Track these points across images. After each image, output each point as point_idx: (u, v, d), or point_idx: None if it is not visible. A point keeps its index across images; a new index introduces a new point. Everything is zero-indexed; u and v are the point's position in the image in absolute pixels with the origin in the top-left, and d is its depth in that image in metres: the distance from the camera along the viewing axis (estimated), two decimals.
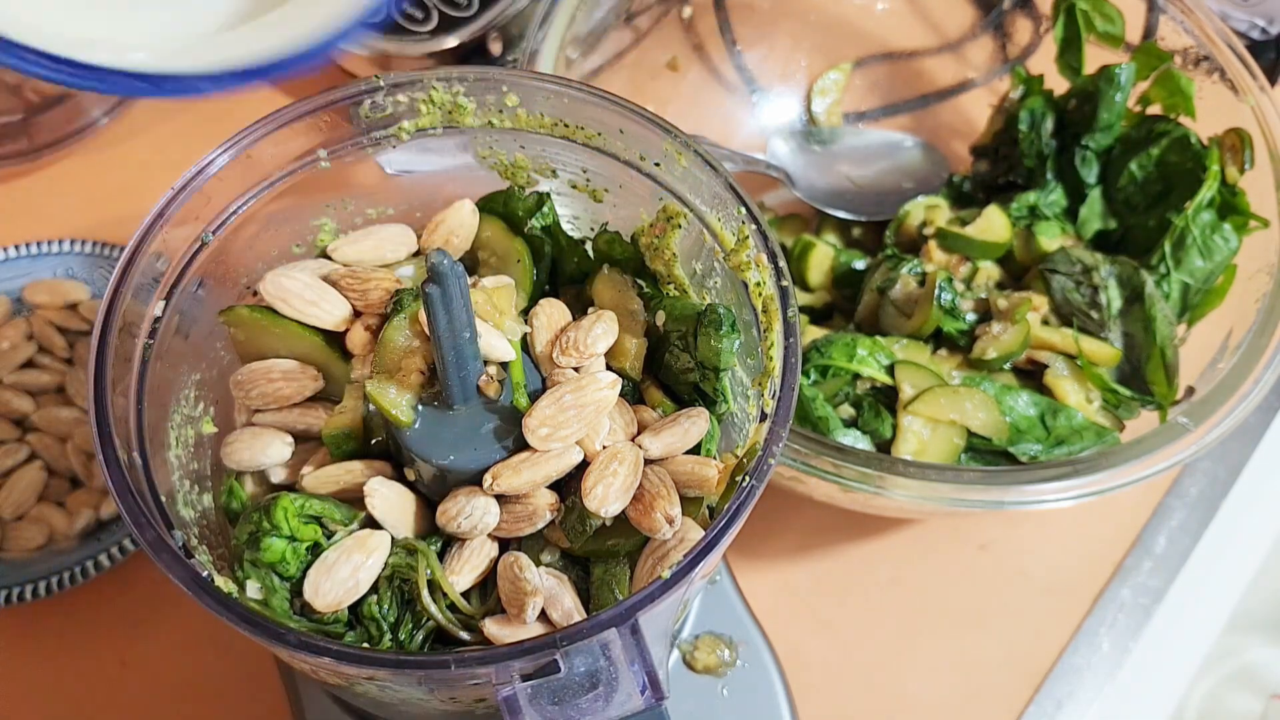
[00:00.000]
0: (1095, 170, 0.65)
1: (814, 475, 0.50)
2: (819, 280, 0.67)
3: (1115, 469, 0.51)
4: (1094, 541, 0.64)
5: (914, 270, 0.62)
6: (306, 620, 0.39)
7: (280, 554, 0.38)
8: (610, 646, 0.33)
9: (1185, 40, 0.63)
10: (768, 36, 0.74)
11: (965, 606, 0.62)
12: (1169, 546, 0.64)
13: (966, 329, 0.60)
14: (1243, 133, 0.60)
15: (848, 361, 0.57)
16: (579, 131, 0.44)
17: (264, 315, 0.42)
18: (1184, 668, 0.62)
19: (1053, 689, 0.60)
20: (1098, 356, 0.59)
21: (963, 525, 0.64)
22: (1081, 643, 0.61)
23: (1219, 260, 0.60)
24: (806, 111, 0.75)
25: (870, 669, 0.60)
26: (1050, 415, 0.57)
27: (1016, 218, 0.64)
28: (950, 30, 0.75)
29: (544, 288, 0.46)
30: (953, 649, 0.60)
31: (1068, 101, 0.66)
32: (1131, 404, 0.58)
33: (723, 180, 0.42)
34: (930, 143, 0.73)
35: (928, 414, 0.56)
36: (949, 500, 0.50)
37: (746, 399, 0.43)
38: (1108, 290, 0.60)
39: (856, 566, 0.62)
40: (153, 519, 0.36)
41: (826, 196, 0.70)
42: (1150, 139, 0.63)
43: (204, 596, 0.34)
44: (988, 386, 0.57)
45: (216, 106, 0.74)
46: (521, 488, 0.38)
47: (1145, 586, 0.63)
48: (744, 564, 0.60)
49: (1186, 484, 0.66)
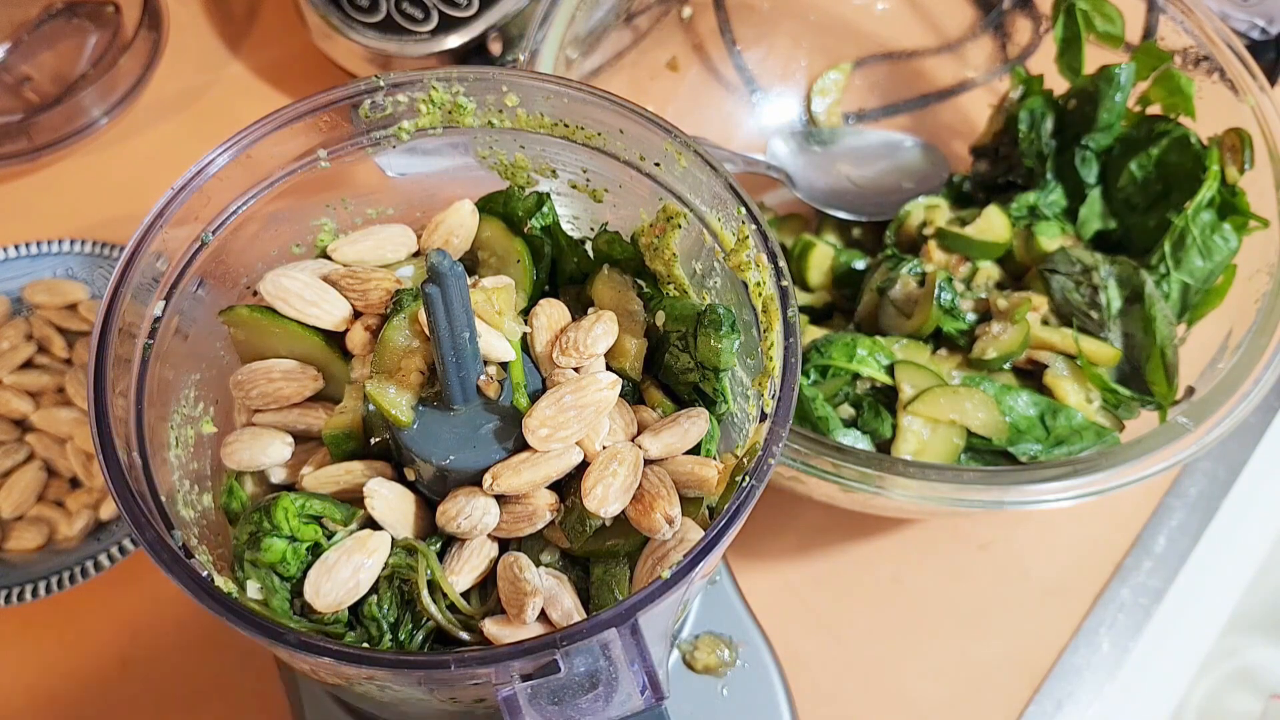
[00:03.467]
0: (1095, 170, 0.65)
1: (814, 475, 0.50)
2: (819, 280, 0.67)
3: (1115, 469, 0.51)
4: (1094, 542, 0.64)
5: (914, 270, 0.62)
6: (306, 620, 0.39)
7: (280, 554, 0.38)
8: (610, 646, 0.33)
9: (1185, 40, 0.63)
10: (767, 36, 0.74)
11: (965, 606, 0.62)
12: (1169, 546, 0.64)
13: (966, 329, 0.60)
14: (1242, 133, 0.59)
15: (848, 361, 0.57)
16: (579, 131, 0.44)
17: (264, 315, 0.42)
18: (1184, 668, 0.62)
19: (1052, 689, 0.60)
20: (1097, 356, 0.59)
21: (963, 525, 0.64)
22: (1081, 643, 0.61)
23: (1219, 260, 0.60)
24: (806, 112, 0.74)
25: (870, 669, 0.59)
26: (1050, 415, 0.57)
27: (1016, 218, 0.64)
28: (950, 30, 0.75)
29: (544, 288, 0.46)
30: (953, 649, 0.60)
31: (1068, 101, 0.66)
32: (1131, 404, 0.58)
33: (722, 180, 0.42)
34: (930, 143, 0.73)
35: (927, 414, 0.56)
36: (949, 500, 0.50)
37: (746, 399, 0.43)
38: (1107, 290, 0.60)
39: (856, 566, 0.62)
40: (153, 519, 0.36)
41: (826, 197, 0.70)
42: (1150, 139, 0.63)
43: (204, 597, 0.34)
44: (988, 386, 0.57)
45: (217, 106, 0.74)
46: (521, 488, 0.38)
47: (1145, 586, 0.63)
48: (744, 564, 0.60)
49: (1186, 484, 0.66)
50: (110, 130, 0.73)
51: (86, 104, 0.72)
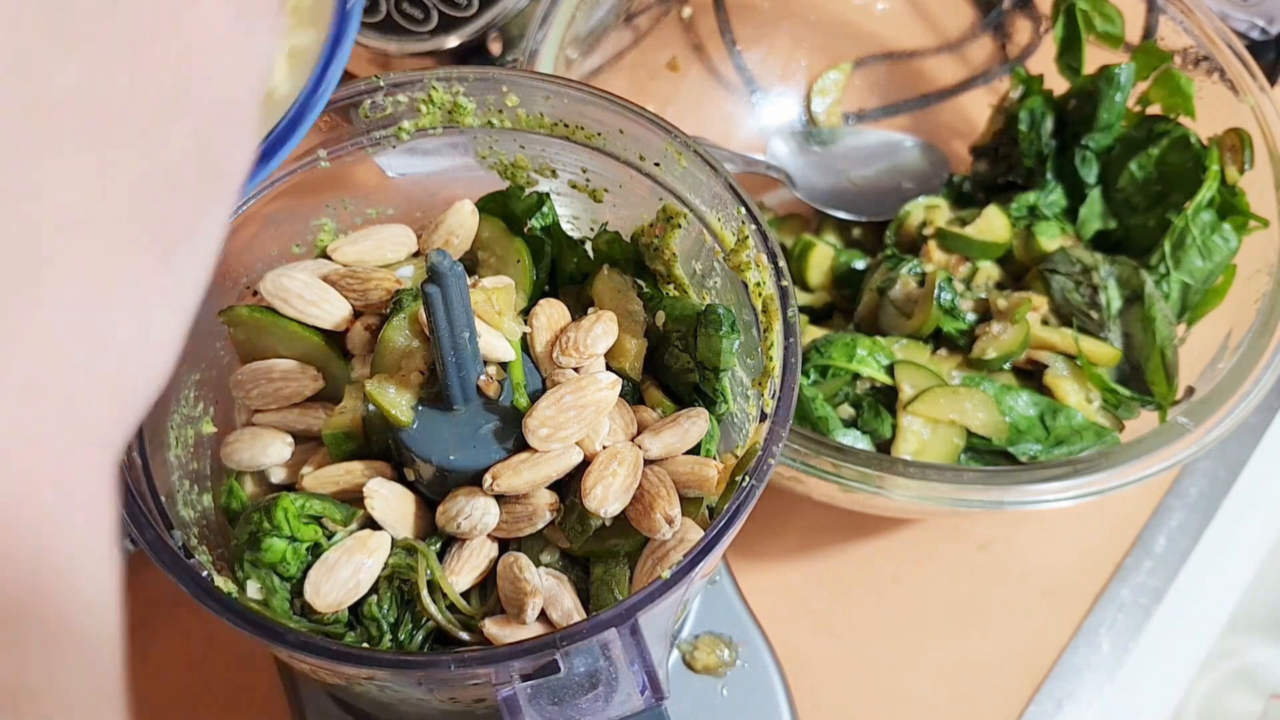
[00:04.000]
0: (1095, 170, 0.65)
1: (814, 475, 0.50)
2: (819, 280, 0.67)
3: (1115, 469, 0.51)
4: (1094, 542, 0.64)
5: (914, 270, 0.62)
6: (306, 620, 0.39)
7: (280, 554, 0.38)
8: (610, 647, 0.33)
9: (1185, 40, 0.63)
10: (768, 36, 0.74)
11: (965, 607, 0.62)
12: (1169, 546, 0.64)
13: (966, 329, 0.60)
14: (1242, 133, 0.59)
15: (847, 361, 0.57)
16: (579, 131, 0.44)
17: (264, 315, 0.42)
18: (1184, 668, 0.62)
19: (1052, 689, 0.60)
20: (1097, 356, 0.59)
21: (963, 525, 0.64)
22: (1081, 643, 0.61)
23: (1218, 260, 0.60)
24: (806, 112, 0.74)
25: (870, 669, 0.60)
26: (1050, 415, 0.57)
27: (1016, 218, 0.64)
28: (950, 30, 0.75)
29: (544, 288, 0.46)
30: (952, 649, 0.60)
31: (1067, 101, 0.66)
32: (1131, 404, 0.58)
33: (722, 180, 0.42)
34: (930, 143, 0.73)
35: (927, 414, 0.56)
36: (949, 500, 0.50)
37: (746, 399, 0.43)
38: (1107, 290, 0.60)
39: (857, 566, 0.62)
40: (153, 519, 0.36)
41: (826, 197, 0.70)
42: (1150, 139, 0.63)
43: (204, 597, 0.34)
44: (987, 386, 0.57)
45: None
46: (521, 488, 0.38)
47: (1145, 586, 0.63)
48: (744, 564, 0.60)
49: (1186, 484, 0.66)
50: None
51: None
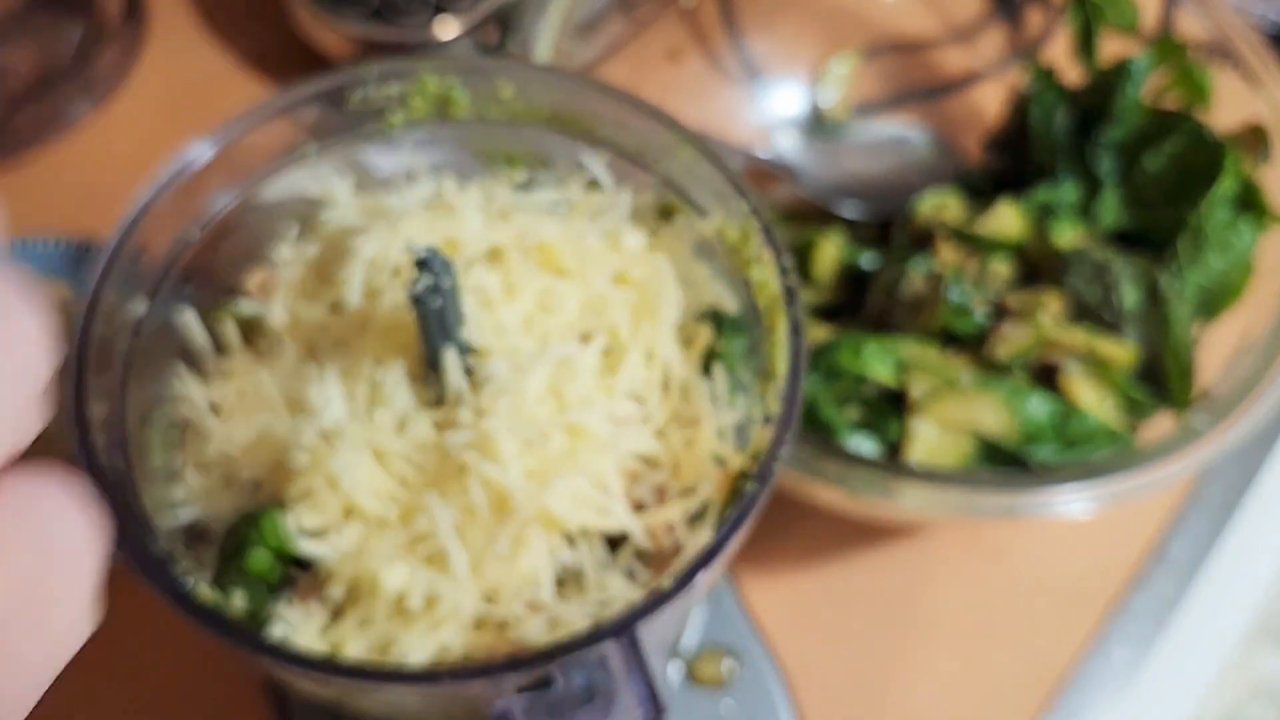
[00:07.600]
0: (1110, 165, 0.63)
1: (820, 480, 0.49)
2: (825, 278, 0.65)
3: (1130, 473, 0.50)
4: (1108, 549, 0.63)
5: (923, 268, 0.61)
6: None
7: (266, 564, 0.37)
8: (608, 659, 0.32)
9: (1201, 32, 0.62)
10: (772, 27, 0.72)
11: (976, 617, 0.61)
12: (1185, 554, 0.63)
13: (977, 328, 0.59)
14: (1260, 127, 0.58)
15: (854, 362, 0.56)
16: (576, 124, 0.43)
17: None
18: (1200, 678, 0.61)
19: (1066, 700, 0.59)
20: (1112, 356, 0.57)
21: (974, 533, 0.63)
22: (1095, 653, 0.60)
23: (1236, 257, 0.58)
24: (812, 104, 0.73)
25: (877, 680, 0.58)
26: (1063, 418, 0.55)
27: (1029, 213, 0.63)
28: (960, 21, 0.74)
29: None
30: (963, 660, 0.59)
31: (1081, 95, 0.65)
32: (1147, 406, 0.57)
33: (725, 174, 0.41)
34: (940, 136, 0.72)
35: (937, 416, 0.55)
36: (960, 506, 0.49)
37: (750, 401, 0.42)
38: (1122, 288, 0.58)
39: (863, 576, 0.61)
40: (134, 527, 0.35)
41: (833, 192, 0.69)
42: (1166, 133, 0.61)
43: (186, 607, 0.33)
44: (999, 388, 0.56)
45: (202, 98, 0.73)
46: None
47: (1161, 595, 0.62)
48: (747, 574, 0.59)
49: (1203, 491, 0.65)
50: (92, 124, 0.72)
51: (68, 96, 0.71)
